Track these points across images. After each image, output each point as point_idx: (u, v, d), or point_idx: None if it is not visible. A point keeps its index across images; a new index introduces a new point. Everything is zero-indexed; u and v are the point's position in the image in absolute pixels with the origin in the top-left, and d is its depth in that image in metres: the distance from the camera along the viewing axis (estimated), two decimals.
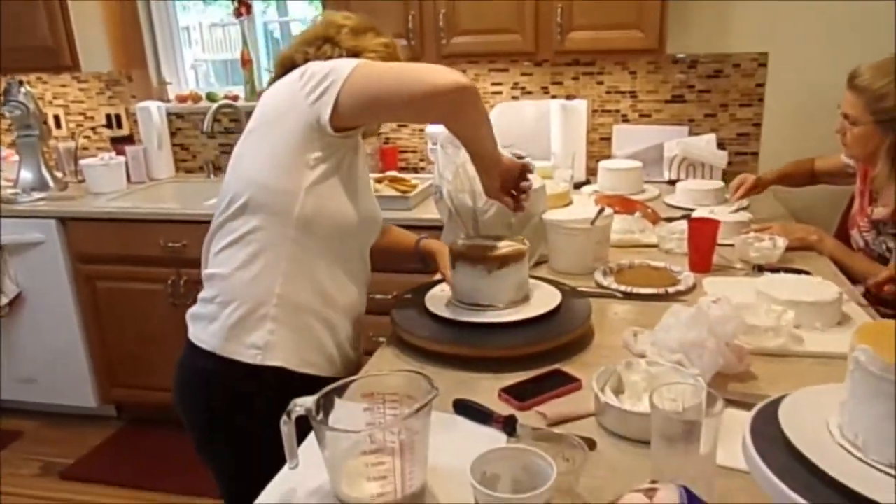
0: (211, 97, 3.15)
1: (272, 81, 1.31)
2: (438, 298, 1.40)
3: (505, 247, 1.35)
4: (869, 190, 1.93)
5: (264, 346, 1.21)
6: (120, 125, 3.24)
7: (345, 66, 1.15)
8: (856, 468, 0.62)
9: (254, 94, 3.13)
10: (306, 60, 1.27)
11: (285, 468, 0.92)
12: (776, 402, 0.73)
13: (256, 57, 3.18)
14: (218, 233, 1.28)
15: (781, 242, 1.70)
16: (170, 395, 2.89)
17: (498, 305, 1.33)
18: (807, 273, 1.54)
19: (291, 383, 1.20)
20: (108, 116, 3.24)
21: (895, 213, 1.78)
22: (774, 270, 1.59)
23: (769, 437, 0.68)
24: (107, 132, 3.26)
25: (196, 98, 3.18)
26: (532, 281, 1.43)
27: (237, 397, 1.23)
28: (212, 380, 1.25)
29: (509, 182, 1.36)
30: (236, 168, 1.25)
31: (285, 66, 1.29)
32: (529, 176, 1.40)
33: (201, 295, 1.30)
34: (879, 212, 1.84)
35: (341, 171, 1.23)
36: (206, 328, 1.25)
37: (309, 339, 1.25)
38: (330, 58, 1.27)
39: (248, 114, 3.08)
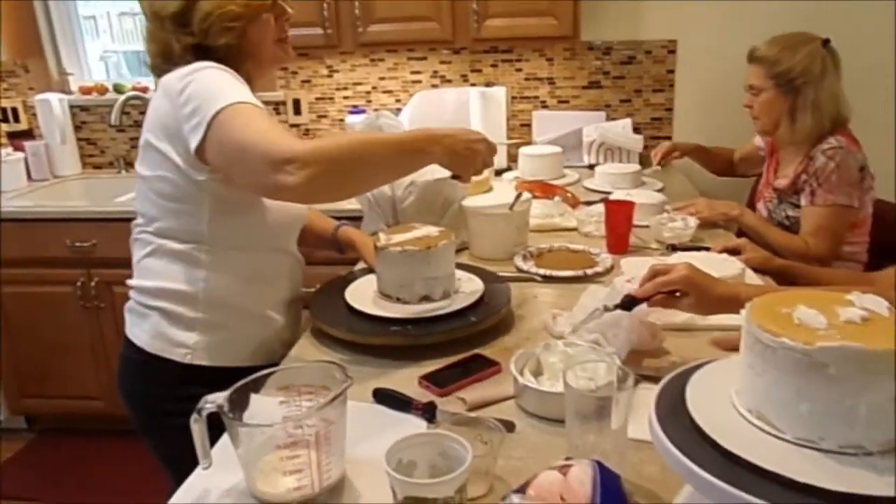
0: (118, 89, 3.00)
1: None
2: (360, 291, 1.38)
3: (429, 236, 1.34)
4: (775, 162, 2.04)
5: (193, 346, 1.23)
6: (17, 119, 3.04)
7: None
8: (755, 439, 0.64)
9: None
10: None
11: (199, 468, 0.89)
12: (680, 376, 0.75)
13: None
14: (136, 242, 1.29)
15: (692, 222, 1.77)
16: (85, 403, 2.78)
17: (425, 297, 1.31)
18: (707, 249, 1.62)
19: (225, 376, 1.20)
20: (3, 110, 3.03)
21: (794, 182, 1.89)
22: (685, 249, 1.65)
23: (673, 410, 0.70)
24: (3, 127, 3.06)
25: (102, 90, 3.02)
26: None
27: (170, 391, 1.24)
28: (146, 374, 1.27)
29: None
30: (140, 184, 1.26)
31: None
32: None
33: (132, 292, 1.30)
34: (781, 181, 1.95)
35: None
36: (137, 324, 1.28)
37: (241, 337, 1.27)
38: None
39: None
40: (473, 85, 2.79)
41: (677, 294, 1.10)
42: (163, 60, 1.23)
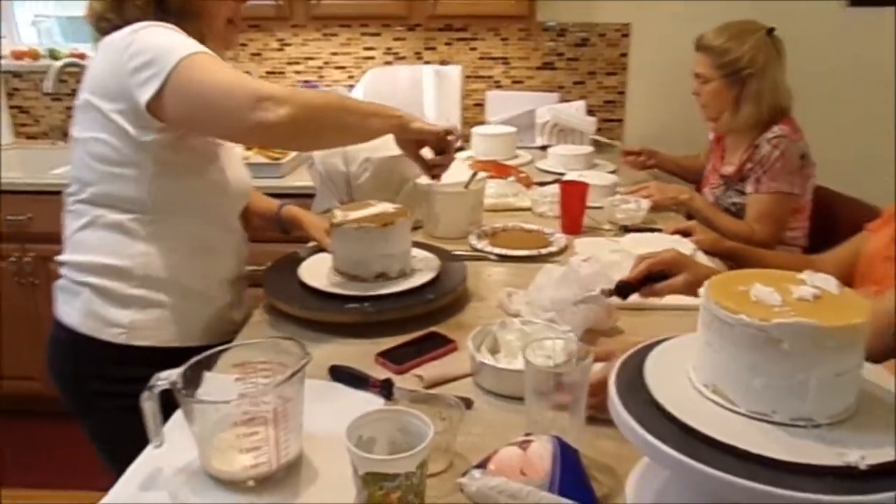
0: (54, 54, 2.86)
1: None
2: (314, 268, 1.36)
3: (386, 213, 1.32)
4: (721, 149, 2.09)
5: (129, 325, 1.18)
6: None
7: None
8: (711, 413, 0.66)
9: None
10: None
11: (149, 447, 0.87)
12: (638, 353, 0.77)
13: None
14: (70, 214, 1.22)
15: (645, 204, 1.80)
16: (20, 384, 2.67)
17: (381, 274, 1.29)
18: (659, 231, 1.65)
19: (166, 356, 1.15)
20: None
21: (739, 170, 1.95)
22: (638, 230, 1.68)
23: (632, 386, 0.71)
24: None
25: (35, 55, 2.87)
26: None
27: (104, 372, 1.19)
28: (76, 355, 1.22)
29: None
30: (76, 147, 1.19)
31: None
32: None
33: (63, 268, 1.24)
34: (727, 168, 2.00)
35: (194, 139, 1.17)
36: (67, 301, 1.22)
37: (181, 316, 1.22)
38: None
39: None
40: (427, 63, 2.77)
41: (666, 277, 1.13)
42: (112, 8, 1.17)
